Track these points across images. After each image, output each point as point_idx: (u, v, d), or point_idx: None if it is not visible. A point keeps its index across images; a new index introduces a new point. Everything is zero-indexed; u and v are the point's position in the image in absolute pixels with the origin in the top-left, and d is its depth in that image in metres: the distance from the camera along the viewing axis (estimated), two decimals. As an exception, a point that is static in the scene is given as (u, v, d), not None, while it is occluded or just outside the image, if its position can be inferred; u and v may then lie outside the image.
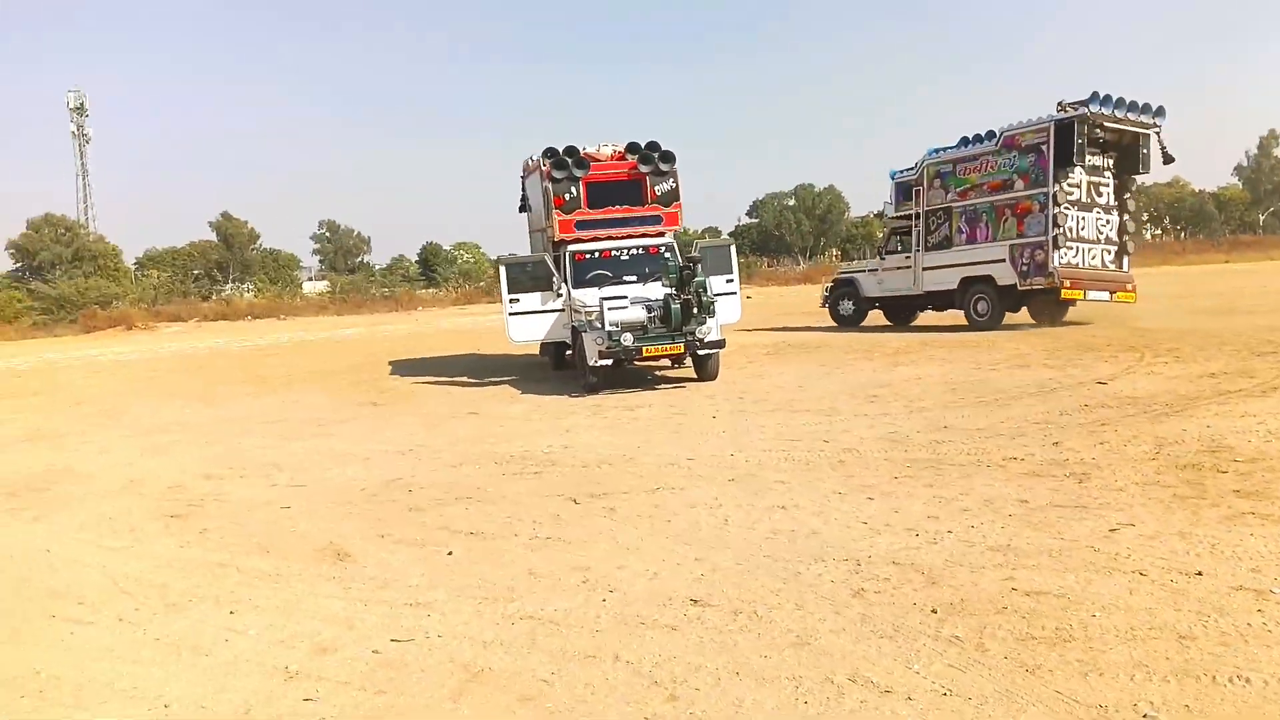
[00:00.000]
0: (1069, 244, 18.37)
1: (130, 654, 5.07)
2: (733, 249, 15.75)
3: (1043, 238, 18.30)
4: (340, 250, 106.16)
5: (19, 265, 73.59)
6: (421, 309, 51.98)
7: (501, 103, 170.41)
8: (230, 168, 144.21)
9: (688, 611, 5.02)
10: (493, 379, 16.42)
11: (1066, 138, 17.93)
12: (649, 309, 13.37)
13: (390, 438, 11.29)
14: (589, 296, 14.13)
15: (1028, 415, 9.70)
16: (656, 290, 14.00)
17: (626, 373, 14.60)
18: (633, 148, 15.44)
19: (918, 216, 20.73)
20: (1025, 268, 18.59)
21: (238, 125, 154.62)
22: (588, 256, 15.03)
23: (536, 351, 18.53)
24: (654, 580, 5.55)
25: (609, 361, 13.43)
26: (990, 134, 19.44)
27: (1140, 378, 11.51)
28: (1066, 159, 18.05)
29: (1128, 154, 18.96)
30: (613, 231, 15.19)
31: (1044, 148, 18.22)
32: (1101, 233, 19.12)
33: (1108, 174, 19.06)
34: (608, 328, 13.17)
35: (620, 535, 6.54)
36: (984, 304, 19.42)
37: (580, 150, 15.32)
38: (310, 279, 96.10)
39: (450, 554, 6.46)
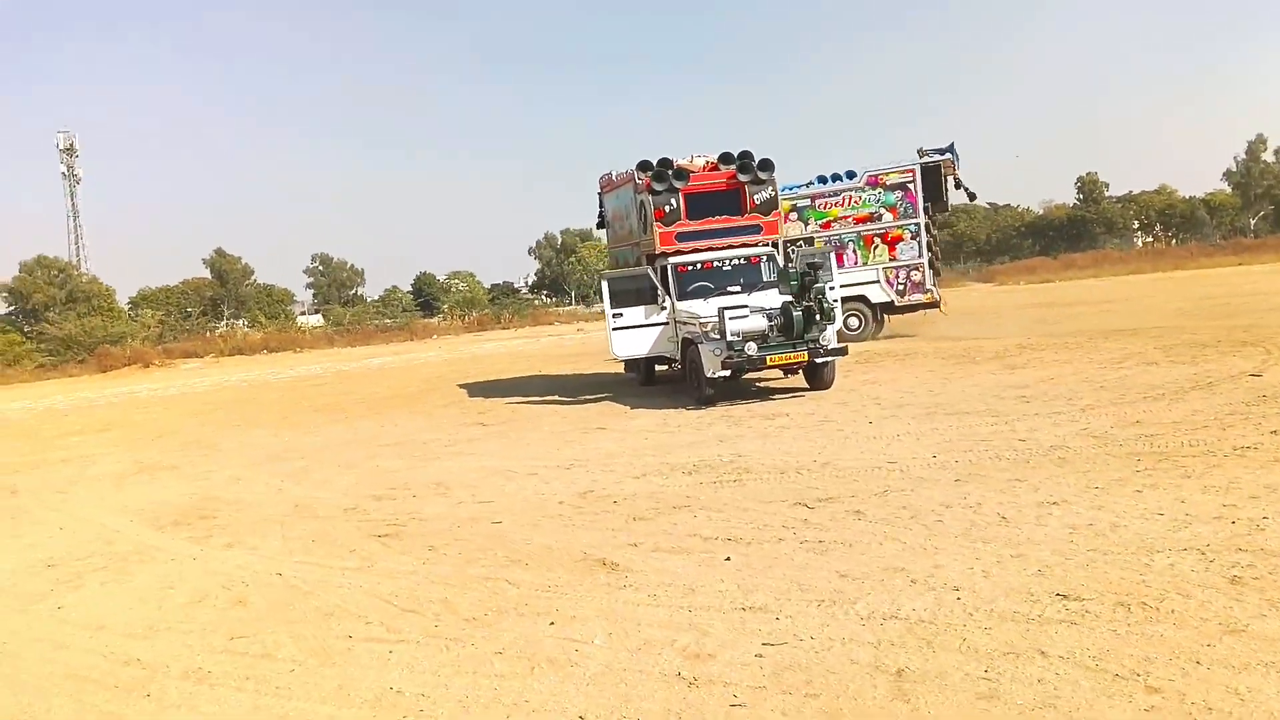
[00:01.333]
0: None
1: (483, 668, 4.84)
2: (833, 256, 15.62)
3: (917, 261, 21.18)
4: (334, 283, 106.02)
5: (13, 308, 72.97)
6: (437, 337, 51.56)
7: (488, 131, 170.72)
8: (221, 204, 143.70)
9: (1066, 605, 4.84)
10: (587, 397, 16.18)
11: (933, 178, 20.53)
12: (770, 318, 13.18)
13: (537, 454, 11.06)
14: (702, 308, 13.95)
15: (1212, 408, 9.58)
16: (770, 299, 13.82)
17: (735, 385, 14.38)
18: (726, 158, 15.32)
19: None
20: (902, 287, 21.32)
21: (228, 161, 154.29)
22: (690, 268, 14.85)
23: (619, 368, 18.34)
24: (991, 579, 5.36)
25: (728, 373, 13.23)
26: (850, 173, 21.52)
27: (1287, 370, 11.40)
28: (935, 195, 20.67)
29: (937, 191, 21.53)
30: (713, 242, 15.03)
31: (911, 185, 20.71)
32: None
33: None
34: (729, 338, 12.96)
35: (901, 537, 6.34)
36: (855, 319, 21.56)
37: (674, 162, 15.16)
38: (304, 313, 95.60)
39: (728, 559, 6.24)
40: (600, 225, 18.88)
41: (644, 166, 15.28)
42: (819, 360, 13.41)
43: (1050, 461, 8.03)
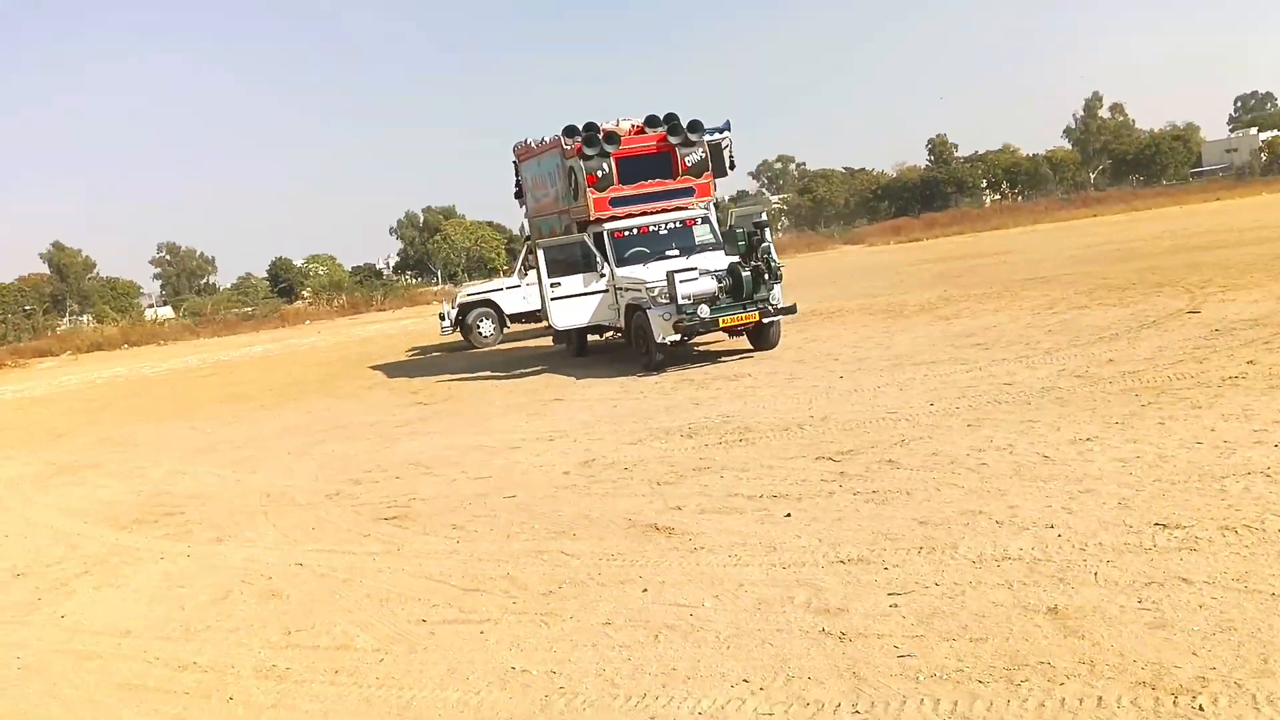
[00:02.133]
0: None
1: (600, 640, 4.62)
2: (765, 215, 15.60)
3: None
4: (183, 273, 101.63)
5: None
6: (310, 322, 49.82)
7: (334, 106, 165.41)
8: (54, 195, 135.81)
9: (1172, 534, 4.89)
10: (522, 370, 15.81)
11: (718, 155, 18.79)
12: (719, 279, 13.09)
13: (505, 428, 10.73)
14: (645, 273, 13.75)
15: (1175, 344, 9.95)
16: (712, 260, 13.73)
17: (679, 350, 14.23)
18: (651, 121, 15.10)
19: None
20: None
21: (60, 149, 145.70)
22: (626, 234, 14.62)
23: (538, 341, 17.98)
24: (1077, 515, 5.39)
25: (678, 337, 13.12)
26: None
27: (1218, 306, 11.98)
28: (720, 171, 18.79)
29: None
30: (647, 206, 14.82)
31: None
32: None
33: None
34: (680, 301, 12.82)
35: (954, 482, 6.34)
36: None
37: (600, 127, 14.85)
38: (151, 305, 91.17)
39: (789, 516, 6.13)
40: (518, 195, 18.39)
41: (570, 132, 14.91)
42: (767, 320, 13.38)
43: (1050, 402, 8.18)
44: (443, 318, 21.94)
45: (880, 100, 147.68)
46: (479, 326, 21.47)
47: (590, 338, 16.55)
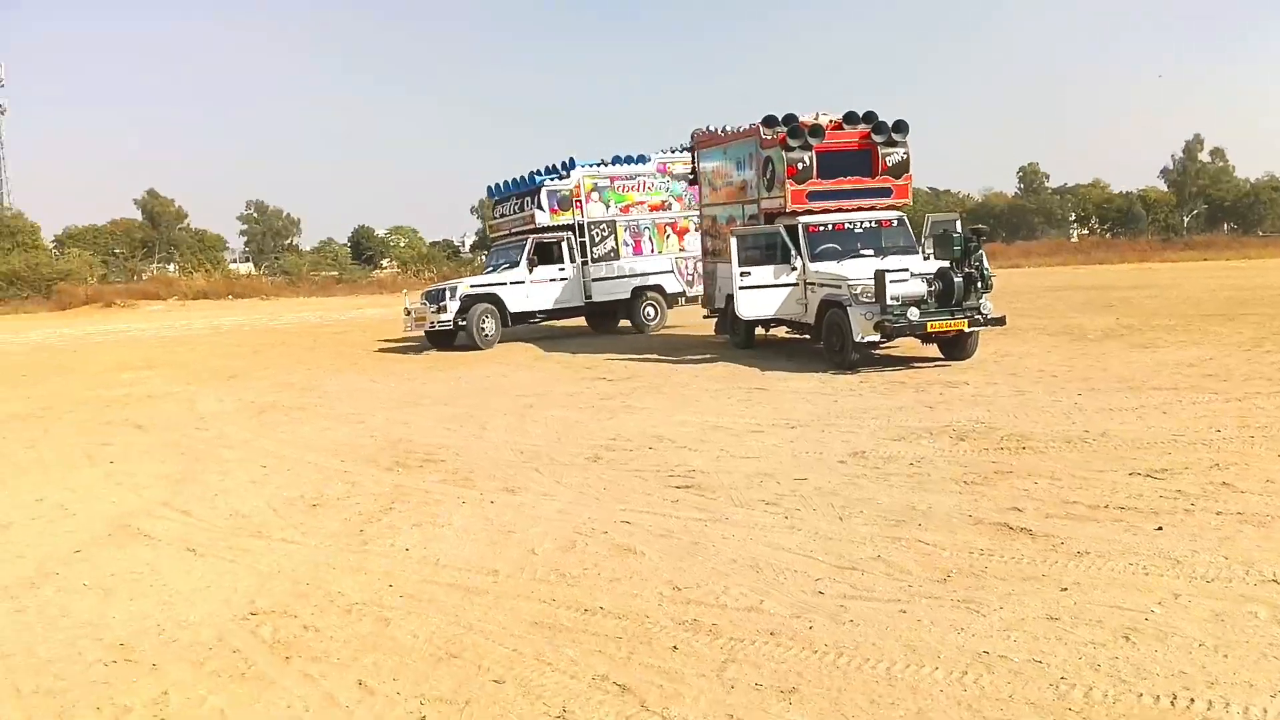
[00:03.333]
0: None
1: (1065, 635, 4.45)
2: (959, 223, 15.31)
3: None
4: (269, 232, 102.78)
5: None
6: (407, 292, 50.12)
7: (434, 84, 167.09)
8: (153, 145, 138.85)
9: None
10: (693, 357, 15.71)
11: None
12: (928, 283, 12.86)
13: (728, 411, 10.63)
14: (844, 269, 13.55)
15: None
16: (910, 263, 13.49)
17: (869, 351, 14.00)
18: (850, 117, 14.89)
19: (579, 228, 20.41)
20: (690, 278, 20.74)
21: (163, 102, 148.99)
22: (820, 229, 14.44)
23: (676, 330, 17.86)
24: None
25: (876, 337, 12.91)
26: (643, 157, 20.98)
27: None
28: None
29: None
30: (843, 203, 14.64)
31: (691, 177, 19.04)
32: None
33: None
34: (888, 301, 12.61)
35: (1324, 508, 6.04)
36: (652, 310, 20.98)
37: (799, 119, 14.69)
38: (235, 261, 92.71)
39: (1160, 529, 5.90)
40: (693, 182, 18.31)
41: (769, 122, 14.81)
42: (970, 330, 13.12)
43: (1363, 440, 7.84)
44: (408, 312, 19.89)
45: (971, 123, 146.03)
46: (483, 324, 19.05)
47: (759, 331, 16.39)
